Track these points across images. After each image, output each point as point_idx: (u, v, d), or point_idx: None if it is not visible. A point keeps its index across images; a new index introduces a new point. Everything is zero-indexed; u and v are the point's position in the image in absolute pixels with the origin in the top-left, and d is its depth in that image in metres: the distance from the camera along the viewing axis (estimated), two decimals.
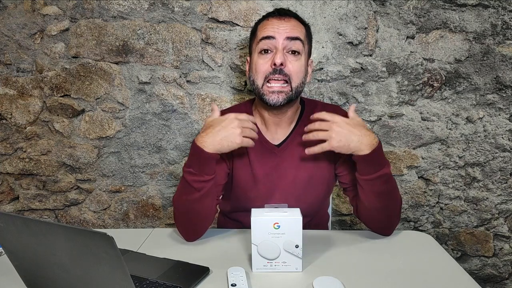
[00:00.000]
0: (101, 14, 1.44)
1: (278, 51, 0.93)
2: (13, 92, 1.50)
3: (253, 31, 1.03)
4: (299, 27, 0.98)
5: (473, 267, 1.66)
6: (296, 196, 1.03)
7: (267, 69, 0.95)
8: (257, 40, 0.98)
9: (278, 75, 0.94)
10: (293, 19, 0.98)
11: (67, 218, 1.64)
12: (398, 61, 1.46)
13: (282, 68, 0.93)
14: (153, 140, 1.54)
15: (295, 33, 0.95)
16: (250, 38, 1.05)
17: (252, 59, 1.01)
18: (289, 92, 0.95)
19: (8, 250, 0.67)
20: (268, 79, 0.95)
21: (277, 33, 0.94)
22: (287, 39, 0.94)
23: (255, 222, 0.79)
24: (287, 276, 0.81)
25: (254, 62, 0.99)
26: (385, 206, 0.93)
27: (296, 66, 0.95)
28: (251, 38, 1.04)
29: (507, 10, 1.42)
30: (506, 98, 1.49)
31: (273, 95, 0.95)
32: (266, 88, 0.95)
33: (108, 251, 0.53)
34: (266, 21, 0.99)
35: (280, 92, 0.94)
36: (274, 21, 0.97)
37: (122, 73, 1.48)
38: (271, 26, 0.96)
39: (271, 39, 0.94)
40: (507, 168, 1.55)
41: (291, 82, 0.95)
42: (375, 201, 0.93)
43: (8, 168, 1.57)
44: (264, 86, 0.96)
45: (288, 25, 0.96)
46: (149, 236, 1.01)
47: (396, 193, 0.96)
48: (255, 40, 1.00)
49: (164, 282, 0.76)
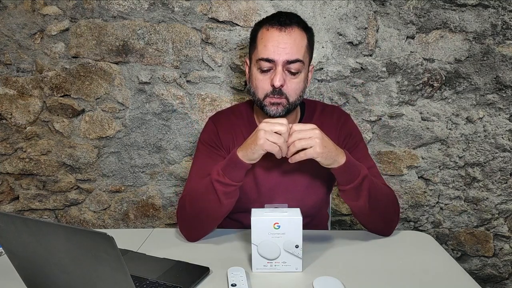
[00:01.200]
0: (101, 14, 1.44)
1: (278, 73, 0.93)
2: (13, 92, 1.50)
3: (253, 37, 1.01)
4: (300, 41, 0.95)
5: (473, 267, 1.66)
6: (297, 198, 1.03)
7: (267, 87, 0.96)
8: (256, 56, 0.97)
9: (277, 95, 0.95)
10: (295, 29, 0.94)
11: (67, 218, 1.64)
12: (398, 61, 1.46)
13: (281, 88, 0.95)
14: (153, 140, 1.54)
15: (295, 54, 0.93)
16: (250, 42, 1.03)
17: (251, 68, 1.00)
18: (286, 105, 0.97)
19: (8, 250, 0.67)
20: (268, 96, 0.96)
21: (277, 54, 0.93)
22: (287, 62, 0.94)
23: (255, 222, 0.79)
24: (287, 276, 0.81)
25: (254, 76, 0.98)
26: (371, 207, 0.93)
27: (294, 84, 0.96)
28: (250, 43, 1.02)
29: (507, 10, 1.42)
30: (506, 98, 1.49)
31: (273, 106, 0.96)
32: (268, 101, 0.97)
33: (108, 251, 0.53)
34: (266, 31, 0.95)
35: (279, 104, 0.96)
36: (275, 34, 0.94)
37: (122, 73, 1.48)
38: (272, 44, 0.93)
39: (270, 62, 0.94)
40: (507, 168, 1.55)
41: (288, 99, 0.96)
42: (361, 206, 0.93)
43: (8, 168, 1.57)
44: (266, 99, 0.97)
45: (289, 42, 0.93)
46: (149, 236, 1.01)
47: (381, 191, 0.96)
48: (254, 53, 0.98)
49: (164, 282, 0.76)
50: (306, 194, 1.04)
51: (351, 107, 1.50)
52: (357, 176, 0.90)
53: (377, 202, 0.93)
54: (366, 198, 0.91)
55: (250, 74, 1.01)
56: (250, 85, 1.02)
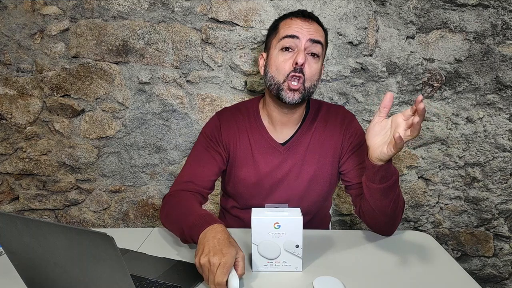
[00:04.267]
0: (101, 14, 1.44)
1: (300, 51, 0.95)
2: (13, 92, 1.50)
3: (274, 27, 1.04)
4: (320, 32, 1.00)
5: (473, 267, 1.66)
6: (299, 194, 1.03)
7: (288, 67, 0.96)
8: (278, 37, 0.99)
9: (299, 74, 0.96)
10: (315, 23, 1.00)
11: (67, 218, 1.63)
12: (398, 61, 1.46)
13: (302, 68, 0.95)
14: (153, 140, 1.54)
15: (318, 36, 0.97)
16: (268, 34, 1.05)
17: (270, 55, 1.01)
18: (303, 91, 0.97)
19: (8, 250, 0.67)
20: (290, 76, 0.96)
21: (301, 33, 0.96)
22: (310, 41, 0.96)
23: (255, 222, 0.79)
24: (287, 276, 0.81)
25: (273, 59, 0.99)
26: (392, 210, 0.93)
27: (313, 68, 0.98)
28: (270, 34, 1.04)
29: (507, 10, 1.42)
30: (506, 98, 1.49)
31: (290, 92, 0.96)
32: (287, 85, 0.96)
33: (108, 251, 0.53)
34: (290, 20, 1.00)
35: (296, 91, 0.96)
36: (298, 21, 0.98)
37: (122, 73, 1.48)
38: (296, 26, 0.97)
39: (294, 38, 0.96)
40: (507, 168, 1.55)
41: (304, 82, 0.97)
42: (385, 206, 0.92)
43: (8, 168, 1.57)
44: (285, 83, 0.97)
45: (312, 28, 0.98)
46: (149, 236, 1.01)
47: (401, 195, 0.96)
48: (276, 37, 1.00)
49: (164, 282, 0.76)
50: (308, 190, 1.04)
51: (351, 107, 1.50)
52: (392, 176, 0.88)
53: (397, 205, 0.93)
54: (392, 200, 0.90)
55: (268, 60, 1.02)
56: (268, 70, 1.01)
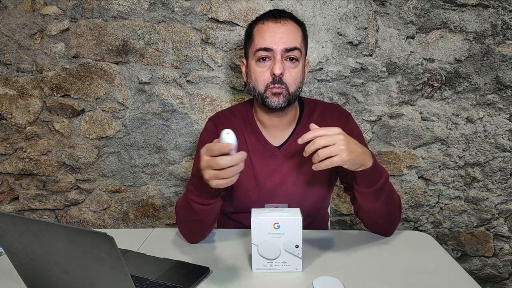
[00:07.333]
0: (101, 14, 1.44)
1: (277, 61, 0.93)
2: (13, 92, 1.50)
3: (248, 32, 1.02)
4: (296, 32, 0.97)
5: (473, 267, 1.66)
6: (298, 197, 1.03)
7: (267, 78, 0.95)
8: (253, 48, 0.97)
9: (278, 84, 0.94)
10: (289, 21, 0.96)
11: (67, 218, 1.64)
12: (398, 61, 1.46)
13: (281, 77, 0.94)
14: (153, 140, 1.54)
15: (292, 42, 0.94)
16: (245, 40, 1.04)
17: (249, 65, 1.01)
18: (287, 95, 0.96)
19: (8, 250, 0.67)
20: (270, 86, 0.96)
21: (274, 43, 0.93)
22: (285, 50, 0.94)
23: (255, 222, 0.79)
24: (287, 276, 0.81)
25: (252, 70, 0.98)
26: (387, 210, 0.93)
27: (293, 73, 0.96)
28: (246, 41, 1.03)
29: (507, 10, 1.42)
30: (506, 98, 1.49)
31: (274, 97, 0.96)
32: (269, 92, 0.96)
33: (108, 251, 0.53)
34: (261, 25, 0.97)
35: (280, 95, 0.95)
36: (270, 25, 0.95)
37: (122, 73, 1.48)
38: (268, 34, 0.94)
39: (268, 51, 0.94)
40: (507, 168, 1.55)
41: (288, 88, 0.96)
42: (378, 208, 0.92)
43: (8, 168, 1.57)
44: (267, 91, 0.96)
45: (285, 31, 0.94)
46: (149, 236, 1.01)
47: (394, 194, 0.95)
48: (252, 47, 0.98)
49: (164, 282, 0.76)
50: (307, 193, 1.03)
51: (351, 107, 1.50)
52: (380, 179, 0.88)
53: (391, 205, 0.93)
54: (383, 201, 0.90)
55: (248, 70, 1.02)
56: (249, 81, 1.01)
